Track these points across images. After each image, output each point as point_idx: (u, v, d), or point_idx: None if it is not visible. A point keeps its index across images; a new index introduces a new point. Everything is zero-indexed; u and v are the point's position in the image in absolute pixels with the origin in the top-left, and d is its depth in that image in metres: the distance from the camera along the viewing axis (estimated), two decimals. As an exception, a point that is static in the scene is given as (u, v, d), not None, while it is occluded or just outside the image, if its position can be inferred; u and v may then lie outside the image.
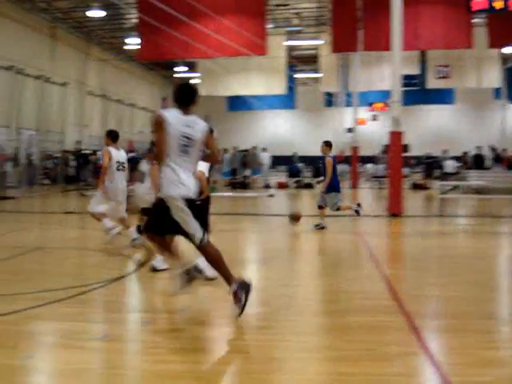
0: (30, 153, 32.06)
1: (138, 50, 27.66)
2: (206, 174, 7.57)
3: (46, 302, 6.70)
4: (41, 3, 33.63)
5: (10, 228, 14.29)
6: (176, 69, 49.48)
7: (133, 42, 38.27)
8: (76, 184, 32.93)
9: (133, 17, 34.08)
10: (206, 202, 7.46)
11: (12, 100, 33.28)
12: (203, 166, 7.27)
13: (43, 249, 10.69)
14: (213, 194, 19.86)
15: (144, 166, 10.55)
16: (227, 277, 6.13)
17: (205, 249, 6.14)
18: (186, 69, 49.15)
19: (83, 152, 36.40)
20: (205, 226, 6.44)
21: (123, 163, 11.03)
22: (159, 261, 8.46)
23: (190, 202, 6.09)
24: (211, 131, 6.40)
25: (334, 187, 13.55)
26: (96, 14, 32.87)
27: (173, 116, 6.09)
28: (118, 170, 10.92)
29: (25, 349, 5.37)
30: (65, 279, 8.12)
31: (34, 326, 6.01)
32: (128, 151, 19.23)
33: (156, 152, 6.20)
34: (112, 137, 10.99)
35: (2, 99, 32.30)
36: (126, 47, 42.65)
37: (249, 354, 5.29)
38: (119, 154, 11.02)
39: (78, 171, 34.85)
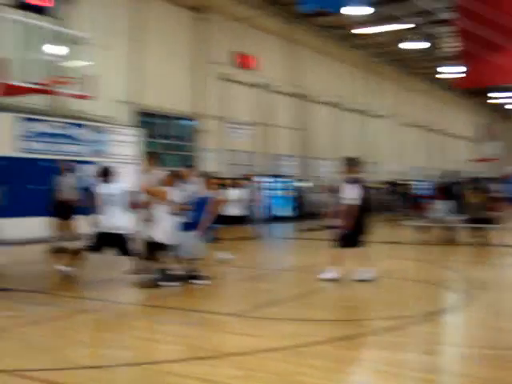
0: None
1: (456, 78, 27.20)
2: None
3: (378, 329, 6.89)
4: (358, 40, 35.06)
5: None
6: (490, 94, 47.79)
7: (446, 71, 37.93)
8: (393, 214, 33.29)
9: (447, 46, 33.72)
10: None
11: (333, 134, 35.15)
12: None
13: (376, 278, 10.98)
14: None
15: None
16: None
17: None
18: (503, 94, 47.25)
19: (398, 182, 36.78)
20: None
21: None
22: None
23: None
24: None
25: None
26: (410, 45, 33.23)
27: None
28: None
29: (355, 373, 5.63)
30: (396, 308, 8.27)
31: (364, 352, 6.23)
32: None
33: None
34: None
35: (324, 133, 34.28)
36: (439, 76, 42.40)
37: None
38: None
39: (394, 201, 35.23)
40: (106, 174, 10.55)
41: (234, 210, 17.00)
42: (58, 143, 18.08)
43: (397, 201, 34.79)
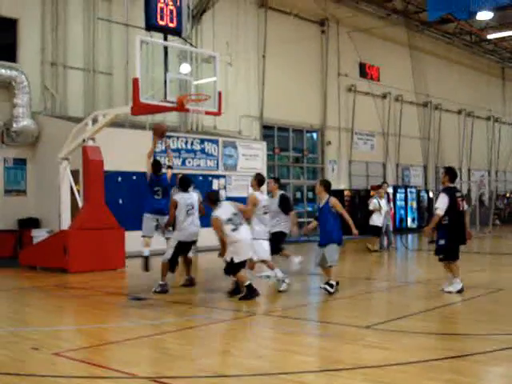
0: (481, 193, 32.23)
1: None
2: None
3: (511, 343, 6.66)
4: (488, 45, 33.93)
5: (466, 268, 14.53)
6: None
7: None
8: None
9: None
10: None
11: (463, 142, 34.13)
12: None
13: (504, 290, 10.60)
14: None
15: None
16: None
17: None
18: None
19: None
20: None
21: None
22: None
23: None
24: None
25: None
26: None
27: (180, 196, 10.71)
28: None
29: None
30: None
31: (502, 367, 6.00)
32: None
33: None
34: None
35: (453, 142, 33.36)
36: None
37: None
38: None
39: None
40: (185, 184, 10.92)
41: (378, 220, 17.36)
42: (191, 158, 18.77)
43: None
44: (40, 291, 11.46)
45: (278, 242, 11.42)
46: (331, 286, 10.04)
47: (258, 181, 10.94)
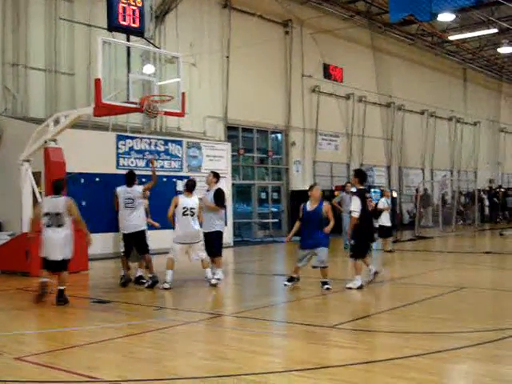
0: (443, 193, 32.67)
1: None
2: None
3: (477, 342, 6.72)
4: (450, 46, 34.42)
5: (429, 267, 14.74)
6: None
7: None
8: (491, 223, 32.49)
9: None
10: None
11: (425, 143, 34.57)
12: None
13: (467, 288, 10.75)
14: None
15: None
16: None
17: None
18: None
19: (497, 190, 35.75)
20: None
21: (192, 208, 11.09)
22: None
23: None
24: None
25: None
26: (507, 50, 32.29)
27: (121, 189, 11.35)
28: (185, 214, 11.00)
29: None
30: (494, 320, 8.03)
31: (464, 365, 6.08)
32: None
33: None
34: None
35: (416, 142, 33.73)
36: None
37: None
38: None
39: (491, 210, 34.34)
40: (129, 179, 11.36)
41: (386, 220, 17.61)
42: (155, 159, 18.55)
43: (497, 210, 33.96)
44: (1, 295, 11.28)
45: (218, 243, 11.66)
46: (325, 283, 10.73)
47: (187, 186, 11.33)
